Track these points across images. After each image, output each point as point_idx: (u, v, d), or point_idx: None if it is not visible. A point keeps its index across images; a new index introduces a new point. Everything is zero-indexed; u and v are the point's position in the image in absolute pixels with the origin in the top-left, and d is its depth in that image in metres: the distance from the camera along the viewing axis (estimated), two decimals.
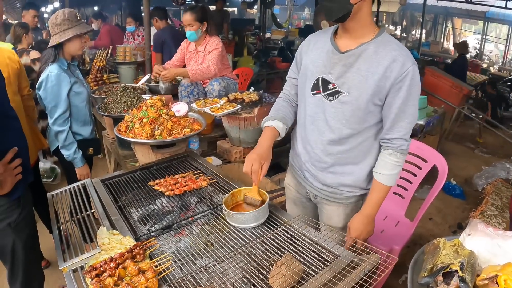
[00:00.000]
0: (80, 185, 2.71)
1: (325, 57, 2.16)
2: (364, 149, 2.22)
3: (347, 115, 2.11)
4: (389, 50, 2.00)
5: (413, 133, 4.58)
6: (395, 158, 2.12)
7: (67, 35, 3.22)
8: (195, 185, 2.52)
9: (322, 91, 2.15)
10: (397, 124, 2.07)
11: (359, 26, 2.05)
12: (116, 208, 2.36)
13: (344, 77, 2.07)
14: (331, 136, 2.20)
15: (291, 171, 2.64)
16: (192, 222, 2.25)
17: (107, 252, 1.93)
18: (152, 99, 3.15)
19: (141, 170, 2.86)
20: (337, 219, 2.42)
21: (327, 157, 2.26)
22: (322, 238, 1.96)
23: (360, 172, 2.26)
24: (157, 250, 1.98)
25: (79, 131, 3.52)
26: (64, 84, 3.25)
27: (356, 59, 2.05)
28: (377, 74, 1.99)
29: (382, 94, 2.03)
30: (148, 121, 2.92)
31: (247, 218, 2.08)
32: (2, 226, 2.40)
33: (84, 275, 1.79)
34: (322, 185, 2.37)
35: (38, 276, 2.86)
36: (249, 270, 1.79)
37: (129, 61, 6.44)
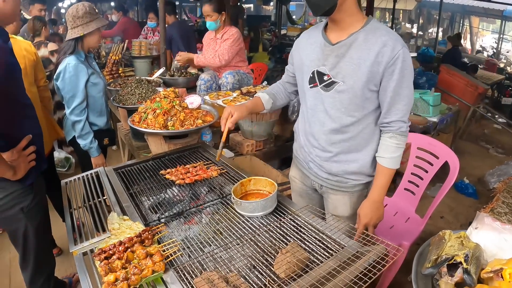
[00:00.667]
0: (93, 173, 2.76)
1: (318, 50, 2.23)
2: (366, 136, 2.27)
3: (345, 103, 2.17)
4: (378, 36, 2.05)
5: (426, 130, 4.65)
6: (395, 141, 2.18)
7: (90, 28, 3.30)
8: (206, 175, 2.56)
9: (319, 83, 2.23)
10: (394, 107, 2.13)
11: (347, 17, 2.10)
12: (128, 195, 2.40)
13: (338, 67, 2.13)
14: (333, 125, 2.26)
15: (295, 163, 2.70)
16: (201, 211, 2.28)
17: (117, 236, 1.97)
18: (165, 90, 3.19)
19: (153, 160, 2.90)
20: (343, 208, 2.47)
21: (330, 146, 2.32)
22: (329, 228, 1.98)
23: (364, 158, 2.31)
24: (166, 237, 2.01)
25: (95, 122, 3.58)
26: (81, 75, 3.31)
27: (348, 49, 2.10)
28: (369, 60, 2.04)
29: (376, 80, 2.08)
30: (161, 112, 2.96)
31: (254, 207, 2.11)
32: (14, 211, 2.45)
33: (93, 258, 1.83)
34: (327, 175, 2.42)
35: (49, 262, 2.93)
36: (254, 257, 1.82)
37: (145, 55, 6.49)
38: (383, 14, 25.12)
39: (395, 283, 3.24)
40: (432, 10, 22.40)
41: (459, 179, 5.50)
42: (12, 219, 2.51)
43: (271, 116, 3.63)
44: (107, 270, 1.70)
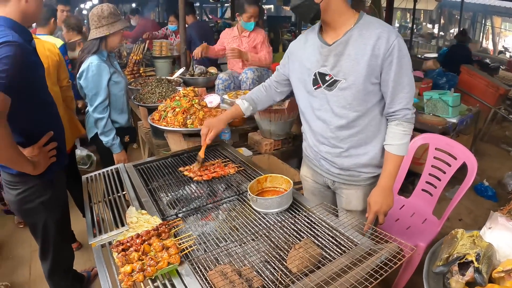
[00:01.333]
0: (113, 169, 2.82)
1: (317, 52, 2.29)
2: (373, 128, 2.32)
3: (349, 99, 2.22)
4: (372, 29, 2.11)
5: (445, 131, 4.63)
6: (402, 128, 2.22)
7: (115, 28, 3.39)
8: (223, 172, 2.60)
9: (322, 84, 2.29)
10: (397, 96, 2.17)
11: (337, 17, 2.18)
12: (146, 190, 2.45)
13: (338, 65, 2.20)
14: (340, 122, 2.30)
15: (306, 162, 2.74)
16: (218, 207, 2.32)
17: (135, 230, 2.01)
18: (185, 89, 3.24)
19: (173, 157, 2.95)
20: (356, 202, 2.51)
21: (340, 142, 2.37)
22: (342, 225, 2.00)
23: (373, 149, 2.36)
24: (182, 231, 2.05)
25: (117, 119, 3.65)
26: (104, 73, 3.39)
27: (345, 47, 2.16)
28: (366, 55, 2.10)
29: (376, 72, 2.14)
30: (181, 110, 3.02)
31: (270, 204, 2.15)
32: (35, 204, 2.54)
33: (111, 250, 1.88)
34: (339, 170, 2.46)
35: (68, 254, 3.01)
36: (268, 252, 1.85)
37: (165, 56, 6.56)
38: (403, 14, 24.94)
39: (411, 285, 3.23)
40: (453, 10, 22.15)
41: (479, 182, 5.44)
42: (32, 212, 2.59)
43: (289, 115, 3.66)
44: (124, 261, 1.76)
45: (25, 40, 2.25)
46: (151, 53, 6.67)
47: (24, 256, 4.15)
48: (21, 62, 2.08)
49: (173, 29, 7.87)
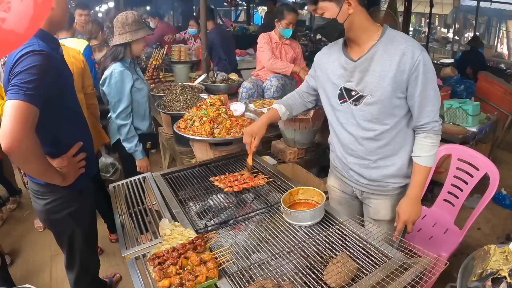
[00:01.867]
0: (141, 178, 2.82)
1: (342, 67, 2.32)
2: (400, 140, 2.33)
3: (375, 114, 2.25)
4: (396, 45, 2.13)
5: (465, 140, 4.61)
6: (430, 140, 2.24)
7: (138, 35, 3.40)
8: (253, 183, 2.58)
9: (348, 99, 2.32)
10: (424, 110, 2.19)
11: (361, 33, 2.21)
12: (177, 201, 2.45)
13: (363, 81, 2.22)
14: (367, 135, 2.33)
15: (333, 172, 2.76)
16: (248, 219, 2.32)
17: (169, 242, 2.01)
18: (211, 98, 3.24)
19: (200, 167, 2.95)
20: (384, 212, 2.52)
21: (368, 155, 2.40)
22: (374, 237, 2.00)
23: (400, 160, 2.37)
24: (216, 244, 2.05)
25: (139, 126, 3.66)
26: (127, 80, 3.39)
27: (370, 63, 2.19)
28: (392, 71, 2.12)
29: (402, 87, 2.16)
30: (208, 119, 3.02)
31: (304, 217, 2.14)
32: (62, 215, 2.50)
33: (147, 263, 1.87)
34: (368, 181, 2.48)
35: (94, 263, 2.99)
36: (304, 266, 1.85)
37: (184, 61, 6.56)
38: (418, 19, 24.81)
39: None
40: (468, 14, 22.01)
41: (497, 190, 5.39)
42: (59, 223, 2.56)
43: (314, 124, 3.65)
44: (162, 275, 1.75)
45: (52, 48, 2.25)
46: (170, 58, 6.67)
47: (44, 260, 4.17)
48: (48, 71, 2.07)
49: (193, 33, 7.86)
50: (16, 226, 4.84)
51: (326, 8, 2.14)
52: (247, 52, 8.55)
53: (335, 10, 2.12)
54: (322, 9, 2.16)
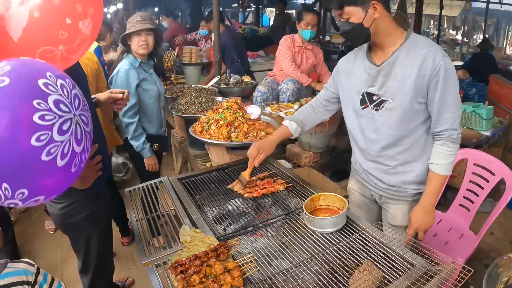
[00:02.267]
0: (157, 182, 2.78)
1: (365, 72, 2.32)
2: (420, 145, 2.33)
3: (396, 119, 2.25)
4: (418, 49, 2.13)
5: (479, 144, 4.57)
6: (447, 148, 2.22)
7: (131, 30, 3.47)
8: (273, 188, 2.55)
9: (369, 104, 2.32)
10: (442, 116, 2.17)
11: (385, 38, 2.21)
12: (196, 206, 2.42)
13: (385, 86, 2.23)
14: (387, 141, 2.34)
15: (354, 175, 2.75)
16: (268, 226, 2.28)
17: (189, 249, 1.98)
18: (228, 101, 3.21)
19: (217, 171, 2.92)
20: (402, 217, 2.52)
21: (387, 161, 2.41)
22: (396, 243, 1.97)
23: (419, 167, 2.37)
24: (239, 251, 2.01)
25: (146, 127, 3.67)
26: (132, 79, 3.42)
27: (392, 67, 2.20)
28: (413, 75, 2.12)
29: (423, 92, 2.15)
30: (225, 123, 2.99)
31: (326, 223, 2.11)
32: (78, 219, 2.49)
33: (168, 271, 1.84)
34: (387, 185, 2.48)
35: (109, 267, 2.97)
36: (329, 274, 1.82)
37: (195, 62, 6.54)
38: (427, 21, 24.73)
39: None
40: (477, 16, 21.96)
41: None
42: (75, 226, 2.54)
43: (330, 128, 3.62)
44: (185, 284, 1.72)
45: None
46: (181, 60, 6.65)
47: (55, 263, 4.16)
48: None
49: (204, 34, 7.85)
50: (26, 228, 4.83)
51: (352, 13, 2.12)
52: (258, 54, 8.53)
53: (361, 14, 2.10)
54: (347, 14, 2.13)
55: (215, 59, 5.41)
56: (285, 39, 4.86)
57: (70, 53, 1.90)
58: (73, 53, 1.92)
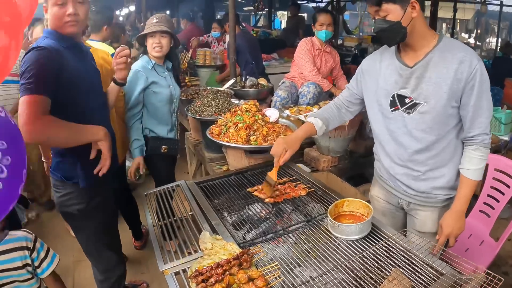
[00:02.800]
0: (174, 186, 2.75)
1: (395, 74, 2.27)
2: (450, 151, 2.29)
3: (429, 123, 2.20)
4: (454, 53, 2.10)
5: (497, 149, 4.49)
6: (479, 153, 2.19)
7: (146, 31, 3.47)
8: (294, 194, 2.50)
9: (400, 106, 2.27)
10: (476, 120, 2.13)
11: (419, 39, 2.17)
12: (215, 212, 2.36)
13: (419, 88, 2.18)
14: (418, 146, 2.29)
15: (378, 182, 2.68)
16: (289, 233, 2.22)
17: (210, 257, 1.92)
18: (247, 104, 3.15)
19: (236, 175, 2.86)
20: (431, 224, 2.46)
21: (417, 166, 2.35)
22: (427, 254, 1.90)
23: (449, 172, 2.32)
24: (262, 259, 1.95)
25: (154, 129, 3.62)
26: (139, 81, 3.40)
27: (426, 69, 2.16)
28: (449, 78, 2.08)
29: (457, 96, 2.11)
30: (243, 126, 2.93)
31: (352, 230, 2.05)
32: (73, 210, 2.55)
33: (189, 279, 1.78)
34: (416, 192, 2.42)
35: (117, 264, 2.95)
36: (356, 284, 1.76)
37: (209, 65, 6.51)
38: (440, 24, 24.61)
39: None
40: (490, 19, 21.82)
41: None
42: (71, 217, 2.63)
43: (349, 132, 3.55)
44: None
45: (64, 46, 2.31)
46: (195, 62, 6.62)
47: (67, 265, 4.09)
48: (49, 64, 2.16)
49: (216, 35, 7.88)
50: (37, 230, 4.76)
51: (390, 10, 2.07)
52: (272, 57, 8.48)
53: (400, 12, 2.06)
54: (385, 11, 2.08)
55: (230, 61, 5.35)
56: (304, 42, 4.79)
57: None
58: None
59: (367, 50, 11.89)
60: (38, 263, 2.33)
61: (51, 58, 2.17)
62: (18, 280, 2.26)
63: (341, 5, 13.57)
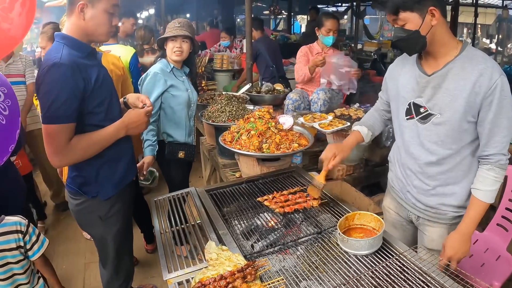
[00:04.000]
0: (184, 193, 2.73)
1: (414, 81, 2.20)
2: (464, 168, 2.17)
3: (442, 136, 2.12)
4: (475, 64, 1.99)
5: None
6: (494, 174, 2.07)
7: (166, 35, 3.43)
8: (306, 204, 2.44)
9: (415, 115, 2.20)
10: (492, 139, 2.03)
11: (440, 47, 2.07)
12: (223, 221, 2.33)
13: (434, 99, 2.10)
14: (429, 158, 2.20)
15: (390, 193, 2.61)
16: (298, 244, 2.17)
17: (215, 268, 1.89)
18: (260, 111, 3.10)
19: (247, 183, 2.83)
20: (439, 241, 2.32)
21: (427, 179, 2.26)
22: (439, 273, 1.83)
23: (461, 191, 2.21)
24: (267, 273, 1.90)
25: (171, 133, 3.59)
26: (158, 84, 3.37)
27: (444, 79, 2.06)
28: (466, 91, 1.98)
29: (474, 111, 2.01)
30: (256, 133, 2.89)
31: (361, 245, 1.98)
32: (91, 218, 2.54)
33: None
34: (425, 206, 2.32)
35: (127, 268, 2.93)
36: None
37: (226, 69, 6.49)
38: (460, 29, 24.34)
39: None
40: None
41: None
42: (89, 225, 2.65)
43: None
44: None
45: (80, 56, 2.25)
46: (212, 66, 6.61)
47: (77, 268, 4.12)
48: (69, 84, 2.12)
49: (226, 45, 7.92)
50: (49, 231, 4.84)
51: (408, 19, 2.00)
52: (290, 61, 8.43)
53: (418, 21, 1.98)
54: (403, 20, 2.01)
55: (247, 66, 5.32)
56: (300, 49, 4.82)
57: None
58: None
59: (387, 55, 11.80)
60: (29, 246, 2.44)
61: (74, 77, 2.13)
62: (11, 262, 2.38)
63: (361, 10, 13.45)
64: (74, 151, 2.16)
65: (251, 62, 5.32)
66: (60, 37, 2.25)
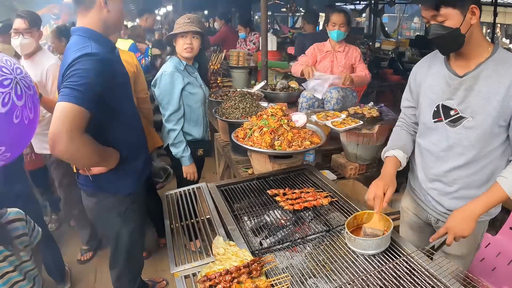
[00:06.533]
0: (195, 188, 2.74)
1: (443, 82, 2.12)
2: (489, 171, 2.12)
3: (472, 140, 2.04)
4: (508, 67, 1.93)
5: None
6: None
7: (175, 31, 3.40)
8: (316, 202, 2.43)
9: (444, 118, 2.11)
10: None
11: (473, 48, 2.00)
12: (232, 216, 2.34)
13: (466, 101, 2.02)
14: (457, 162, 2.13)
15: (410, 194, 2.55)
16: (307, 242, 2.17)
17: (221, 262, 1.90)
18: (272, 108, 3.10)
19: (258, 180, 2.83)
20: (457, 246, 2.22)
21: (452, 182, 2.19)
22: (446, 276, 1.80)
23: None
24: (273, 269, 1.91)
25: (190, 131, 3.59)
26: (177, 83, 3.35)
27: (476, 81, 1.99)
28: (500, 94, 1.92)
29: (506, 115, 1.95)
30: (268, 130, 2.89)
31: (369, 245, 1.97)
32: (109, 215, 2.55)
33: (197, 284, 1.78)
34: (446, 209, 2.26)
35: (137, 263, 2.97)
36: None
37: (242, 66, 6.48)
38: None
39: None
40: None
41: None
42: (107, 222, 2.60)
43: (378, 139, 3.48)
44: None
45: (107, 51, 2.25)
46: (228, 63, 6.61)
47: (89, 264, 4.18)
48: (101, 75, 2.09)
49: (242, 37, 8.08)
50: (60, 226, 4.91)
51: (449, 15, 1.90)
52: None
53: (459, 18, 1.89)
54: (444, 17, 1.91)
55: (262, 63, 5.31)
56: (311, 46, 4.81)
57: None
58: None
59: (405, 54, 11.67)
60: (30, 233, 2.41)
61: (105, 69, 2.12)
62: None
63: (379, 8, 13.33)
64: (82, 147, 2.04)
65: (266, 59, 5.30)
66: (82, 31, 2.23)
